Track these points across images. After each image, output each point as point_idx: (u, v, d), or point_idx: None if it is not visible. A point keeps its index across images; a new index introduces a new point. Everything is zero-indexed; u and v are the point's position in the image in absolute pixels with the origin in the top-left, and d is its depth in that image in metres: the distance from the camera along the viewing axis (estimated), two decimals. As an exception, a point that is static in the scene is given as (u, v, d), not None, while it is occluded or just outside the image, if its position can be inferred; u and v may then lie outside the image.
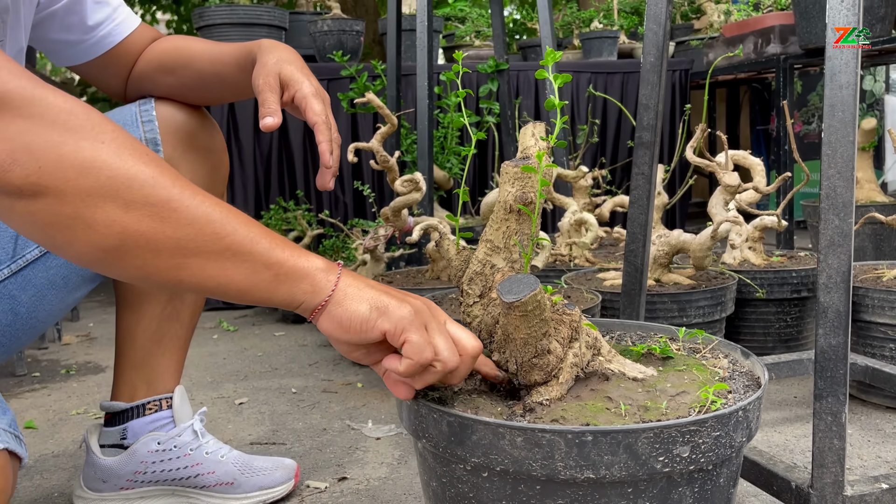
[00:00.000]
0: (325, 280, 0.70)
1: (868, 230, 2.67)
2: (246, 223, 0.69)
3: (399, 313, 0.70)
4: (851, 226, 0.93)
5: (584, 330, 0.84)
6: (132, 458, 1.15)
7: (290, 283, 0.69)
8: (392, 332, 0.70)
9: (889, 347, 1.55)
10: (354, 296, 0.70)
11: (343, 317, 0.70)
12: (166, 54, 1.14)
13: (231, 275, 0.67)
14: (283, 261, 0.69)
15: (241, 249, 0.67)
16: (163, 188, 0.65)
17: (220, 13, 3.10)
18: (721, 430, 0.71)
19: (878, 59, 3.61)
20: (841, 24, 0.92)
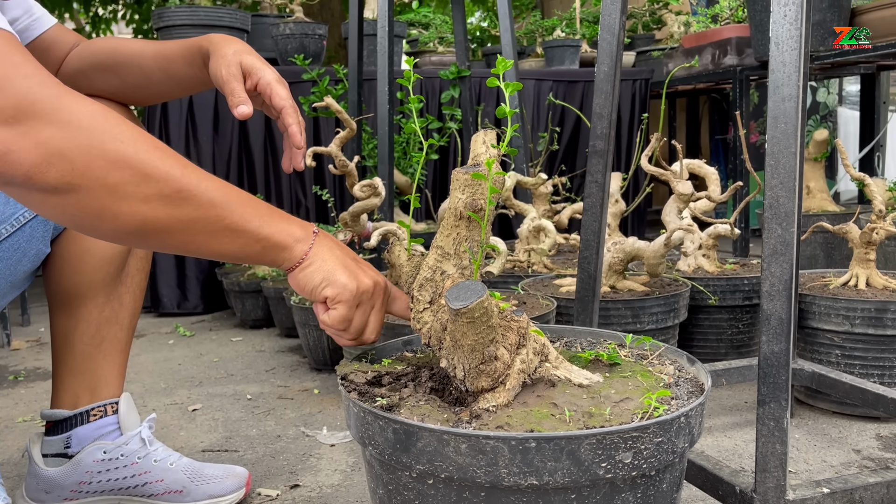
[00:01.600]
0: (299, 250, 0.85)
1: (819, 238, 2.74)
2: (241, 203, 0.81)
3: (341, 285, 0.85)
4: (794, 235, 0.96)
5: (531, 336, 0.84)
6: (77, 468, 1.13)
7: (274, 253, 0.84)
8: (331, 299, 0.86)
9: (835, 353, 1.59)
10: (316, 265, 0.86)
11: (302, 280, 0.86)
12: (105, 53, 1.14)
13: (229, 247, 0.82)
14: (270, 236, 0.83)
15: (238, 228, 0.81)
16: (175, 180, 0.76)
17: (181, 14, 3.05)
18: (663, 436, 0.72)
19: (830, 72, 3.71)
20: (784, 38, 0.95)
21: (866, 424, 1.57)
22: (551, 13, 5.48)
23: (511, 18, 2.43)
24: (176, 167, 0.77)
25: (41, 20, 1.14)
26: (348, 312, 0.86)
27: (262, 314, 2.60)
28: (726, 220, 1.87)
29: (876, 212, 1.63)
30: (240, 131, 3.05)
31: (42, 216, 0.85)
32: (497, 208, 2.85)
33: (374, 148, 2.77)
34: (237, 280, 2.62)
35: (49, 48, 1.16)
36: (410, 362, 0.98)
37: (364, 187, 1.87)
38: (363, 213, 1.91)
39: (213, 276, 2.92)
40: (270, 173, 3.11)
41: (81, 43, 1.18)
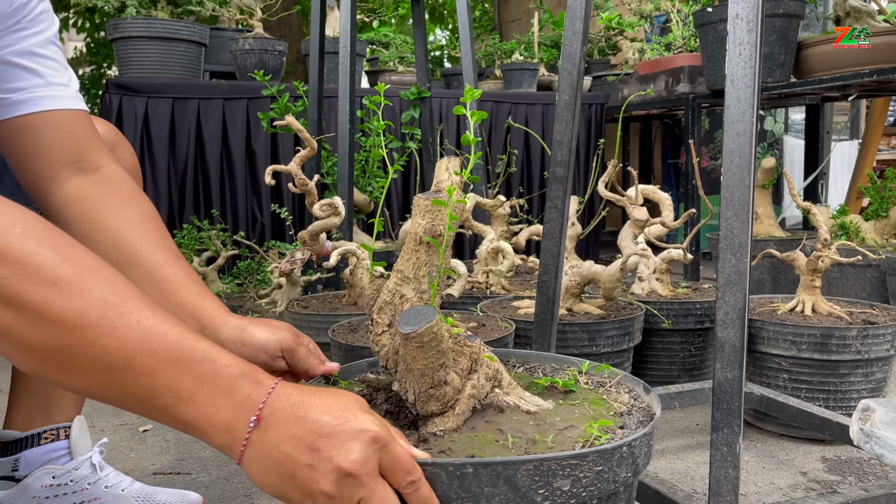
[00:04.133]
0: (229, 450, 0.67)
1: (766, 263, 2.82)
2: (152, 370, 0.64)
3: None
4: (747, 265, 0.99)
5: (484, 362, 0.85)
6: (24, 493, 1.09)
7: (199, 436, 0.67)
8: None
9: (783, 377, 1.64)
10: (254, 475, 0.67)
11: (257, 484, 0.68)
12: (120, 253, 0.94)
13: (141, 412, 0.67)
14: (188, 421, 0.66)
15: (144, 401, 0.65)
16: (64, 333, 0.62)
17: (137, 26, 3.02)
18: (603, 465, 0.72)
19: (777, 102, 3.84)
20: (738, 76, 0.98)
21: (812, 447, 1.61)
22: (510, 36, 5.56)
23: (472, 42, 2.47)
24: (74, 312, 0.62)
25: (46, 100, 0.96)
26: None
27: (216, 332, 2.56)
28: (679, 245, 1.92)
29: (821, 240, 1.69)
30: (196, 146, 3.01)
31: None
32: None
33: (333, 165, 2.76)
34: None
35: (48, 135, 0.96)
36: (370, 384, 0.98)
37: (324, 206, 1.87)
38: (322, 233, 1.91)
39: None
40: (226, 189, 3.07)
41: (106, 185, 0.98)
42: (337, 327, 1.64)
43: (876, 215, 2.65)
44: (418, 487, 0.67)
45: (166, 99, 2.93)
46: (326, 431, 0.65)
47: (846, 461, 1.53)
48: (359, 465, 0.64)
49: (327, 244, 1.94)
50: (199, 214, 2.99)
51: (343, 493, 0.64)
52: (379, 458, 0.66)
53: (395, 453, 0.67)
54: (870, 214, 2.67)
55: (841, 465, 1.51)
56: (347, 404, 0.68)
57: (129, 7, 3.03)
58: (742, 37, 0.98)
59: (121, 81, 2.91)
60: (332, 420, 0.66)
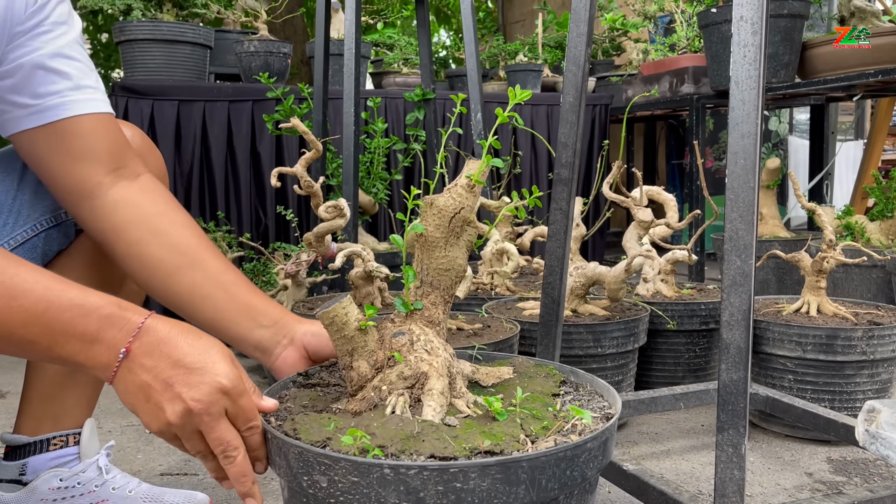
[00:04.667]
0: (103, 374, 0.77)
1: (771, 264, 2.82)
2: (24, 322, 0.73)
3: (144, 423, 0.78)
4: (752, 266, 0.99)
5: (411, 362, 0.85)
6: (31, 496, 1.10)
7: (77, 368, 0.78)
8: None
9: (788, 378, 1.64)
10: (121, 395, 0.78)
11: (122, 401, 0.78)
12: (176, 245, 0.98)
13: (23, 355, 0.78)
14: (67, 358, 0.76)
15: (24, 348, 0.75)
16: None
17: (143, 29, 3.03)
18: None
19: (782, 102, 3.84)
20: (742, 78, 0.99)
21: (818, 448, 1.61)
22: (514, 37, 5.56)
23: (476, 44, 2.47)
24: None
25: (79, 103, 0.96)
26: (174, 444, 0.79)
27: (222, 333, 2.57)
28: (684, 246, 1.92)
29: (826, 241, 1.69)
30: (201, 148, 3.02)
31: None
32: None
33: (338, 167, 2.77)
34: (196, 298, 2.58)
35: (81, 138, 0.95)
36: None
37: (329, 208, 1.87)
38: (328, 234, 1.91)
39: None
40: (231, 191, 3.08)
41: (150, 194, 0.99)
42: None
43: (881, 215, 2.65)
44: (254, 433, 0.79)
45: (172, 101, 2.94)
46: (182, 371, 0.75)
47: (852, 462, 1.53)
48: (201, 404, 0.75)
49: (333, 246, 1.95)
50: (205, 216, 3.00)
51: (183, 425, 0.76)
52: (225, 404, 0.76)
53: (241, 404, 0.77)
54: (875, 215, 2.67)
55: (847, 466, 1.51)
56: (210, 349, 0.78)
57: (134, 10, 3.04)
58: (746, 39, 0.98)
59: (127, 84, 2.92)
60: (191, 362, 0.76)
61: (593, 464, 0.77)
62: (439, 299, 0.90)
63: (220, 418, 0.76)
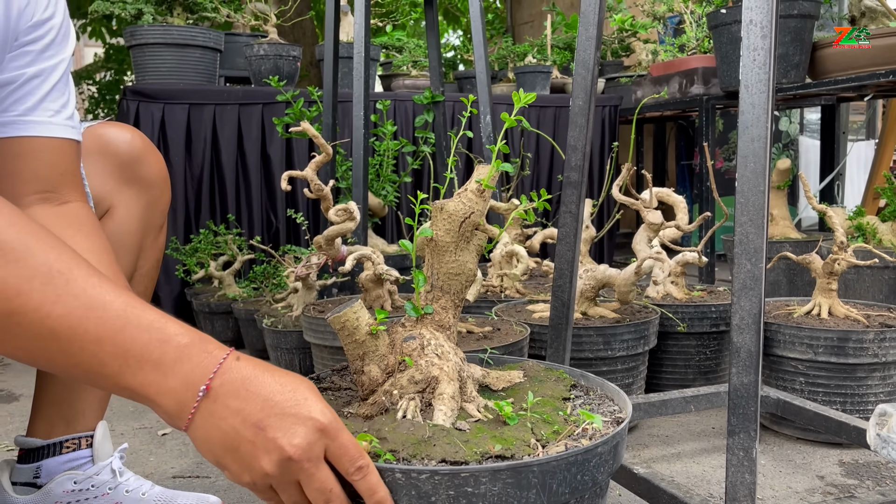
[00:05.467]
0: (177, 418, 0.68)
1: (782, 265, 2.81)
2: (98, 338, 0.64)
3: (233, 475, 0.68)
4: (762, 270, 0.99)
5: (423, 367, 0.86)
6: (46, 498, 1.11)
7: (146, 403, 0.68)
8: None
9: (799, 381, 1.63)
10: (200, 444, 0.68)
11: (199, 450, 0.69)
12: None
13: (87, 381, 0.67)
14: (135, 389, 0.66)
15: (90, 370, 0.65)
16: (7, 300, 0.62)
17: (154, 33, 3.05)
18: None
19: (792, 103, 3.82)
20: (752, 81, 0.99)
21: (829, 451, 1.61)
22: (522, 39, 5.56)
23: (485, 47, 2.47)
24: (18, 277, 0.62)
25: (39, 126, 0.93)
26: (264, 497, 0.69)
27: (233, 335, 2.58)
28: (694, 248, 1.91)
29: (837, 243, 1.68)
30: (212, 151, 3.04)
31: None
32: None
33: (347, 170, 2.78)
34: (207, 301, 2.59)
35: (33, 162, 0.92)
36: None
37: (339, 212, 1.88)
38: (338, 237, 1.92)
39: (183, 295, 2.89)
40: (242, 194, 3.09)
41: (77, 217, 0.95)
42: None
43: (893, 216, 2.63)
44: (365, 474, 0.68)
45: (182, 105, 2.96)
46: (275, 412, 0.66)
47: (864, 465, 1.53)
48: (301, 450, 0.65)
49: (343, 249, 1.95)
50: (216, 219, 3.01)
51: (282, 475, 0.66)
52: (325, 445, 0.67)
53: (342, 441, 0.67)
54: (887, 215, 2.65)
55: (858, 469, 1.51)
56: (299, 387, 0.68)
57: (145, 14, 3.06)
58: (756, 42, 0.98)
59: (138, 88, 2.94)
60: (282, 401, 0.66)
61: (604, 468, 0.78)
62: (450, 303, 0.90)
63: (319, 463, 0.67)
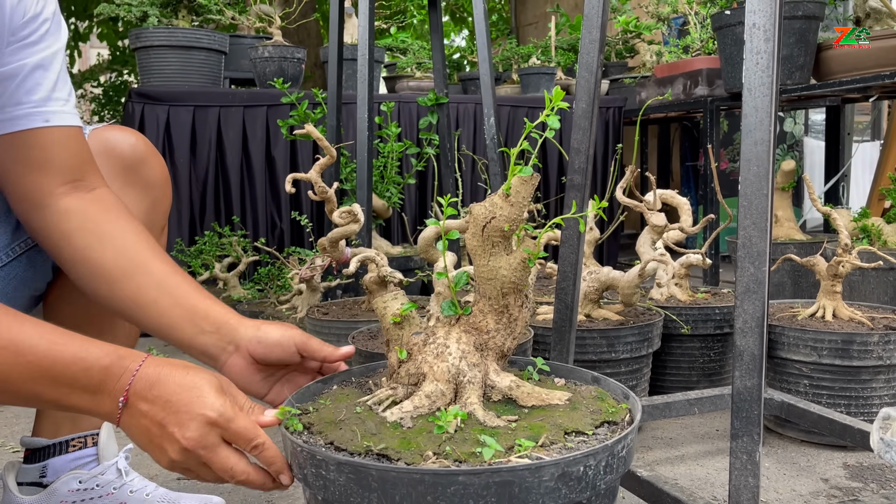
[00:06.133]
0: (109, 421, 0.84)
1: (787, 267, 2.80)
2: (32, 378, 0.77)
3: (156, 460, 0.82)
4: (766, 273, 0.99)
5: (420, 361, 0.89)
6: (51, 498, 1.12)
7: (88, 414, 0.84)
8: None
9: (803, 383, 1.63)
10: (131, 437, 0.83)
11: (131, 440, 0.84)
12: (116, 267, 0.97)
13: (32, 406, 0.84)
14: (73, 407, 0.81)
15: (32, 400, 0.82)
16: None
17: (159, 35, 3.06)
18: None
19: (797, 104, 3.81)
20: (755, 84, 0.99)
21: (833, 453, 1.60)
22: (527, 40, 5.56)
23: (489, 48, 2.47)
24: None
25: (37, 116, 0.95)
26: (190, 476, 0.83)
27: (237, 337, 2.58)
28: (698, 250, 1.91)
29: (842, 245, 1.68)
30: (216, 153, 3.05)
31: None
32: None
33: (351, 172, 2.78)
34: (212, 303, 2.60)
35: (40, 151, 0.96)
36: None
37: (344, 214, 1.88)
38: (342, 239, 1.93)
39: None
40: (246, 196, 3.10)
41: (100, 203, 0.99)
42: (357, 333, 1.66)
43: (898, 218, 2.62)
44: (262, 450, 0.81)
45: (187, 107, 2.97)
46: (172, 410, 0.79)
47: (868, 468, 1.52)
48: (194, 441, 0.79)
49: (347, 251, 1.96)
50: (220, 221, 3.02)
51: (185, 461, 0.80)
52: (219, 433, 0.80)
53: (235, 428, 0.80)
54: (892, 217, 2.64)
55: (863, 472, 1.50)
56: (198, 383, 0.81)
57: (150, 17, 3.07)
58: (759, 46, 0.98)
59: (143, 90, 2.95)
60: (178, 401, 0.80)
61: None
62: (488, 308, 0.90)
63: (216, 448, 0.80)
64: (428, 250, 1.69)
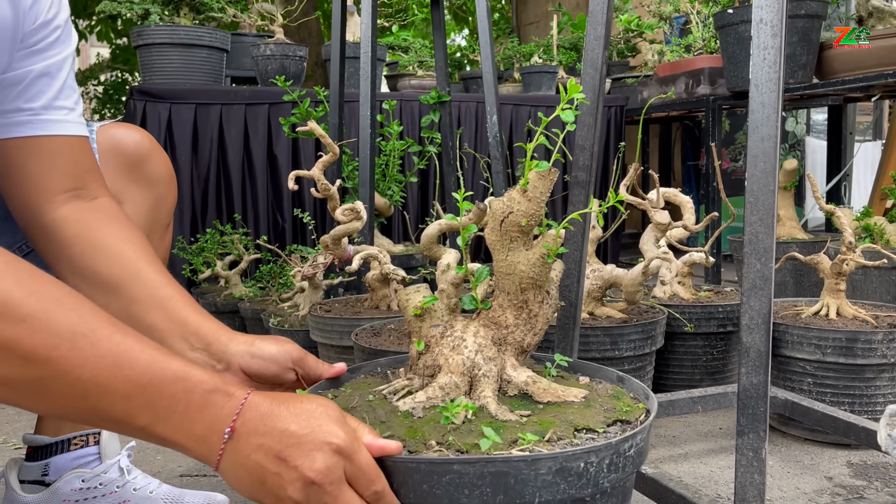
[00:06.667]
0: (207, 460, 0.71)
1: (789, 265, 2.80)
2: (127, 394, 0.67)
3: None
4: (772, 270, 0.99)
5: (437, 353, 0.90)
6: (54, 497, 1.11)
7: (177, 449, 0.71)
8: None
9: (807, 381, 1.63)
10: (230, 482, 0.71)
11: (233, 488, 0.72)
12: (110, 275, 0.94)
13: (118, 431, 0.70)
14: (165, 438, 0.69)
15: (122, 423, 0.68)
16: (36, 367, 0.64)
17: (161, 33, 3.05)
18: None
19: (799, 103, 3.81)
20: (762, 80, 0.98)
21: (837, 451, 1.60)
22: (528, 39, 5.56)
23: (492, 47, 2.47)
24: (45, 346, 0.64)
25: (52, 124, 0.94)
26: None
27: (239, 335, 2.58)
28: (701, 249, 1.91)
29: (846, 243, 1.67)
30: (218, 152, 3.04)
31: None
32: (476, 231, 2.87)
33: (353, 169, 2.78)
34: (213, 300, 2.60)
35: (45, 160, 0.94)
36: None
37: (346, 211, 1.88)
38: (345, 237, 1.92)
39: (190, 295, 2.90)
40: (248, 193, 3.10)
41: (100, 210, 0.97)
42: (360, 331, 1.65)
43: (900, 217, 2.62)
44: (380, 497, 0.71)
45: (189, 105, 2.97)
46: (293, 441, 0.69)
47: (872, 466, 1.52)
48: (322, 474, 0.68)
49: (349, 248, 1.96)
50: (222, 219, 3.02)
51: (308, 499, 0.69)
52: (343, 466, 0.70)
53: (359, 463, 0.70)
54: (894, 216, 2.64)
55: (867, 470, 1.50)
56: (315, 412, 0.71)
57: (152, 14, 3.07)
58: (766, 41, 0.98)
59: (144, 88, 2.95)
60: (299, 430, 0.69)
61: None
62: (507, 303, 0.90)
63: (342, 485, 0.70)
64: (431, 248, 1.69)
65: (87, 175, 0.98)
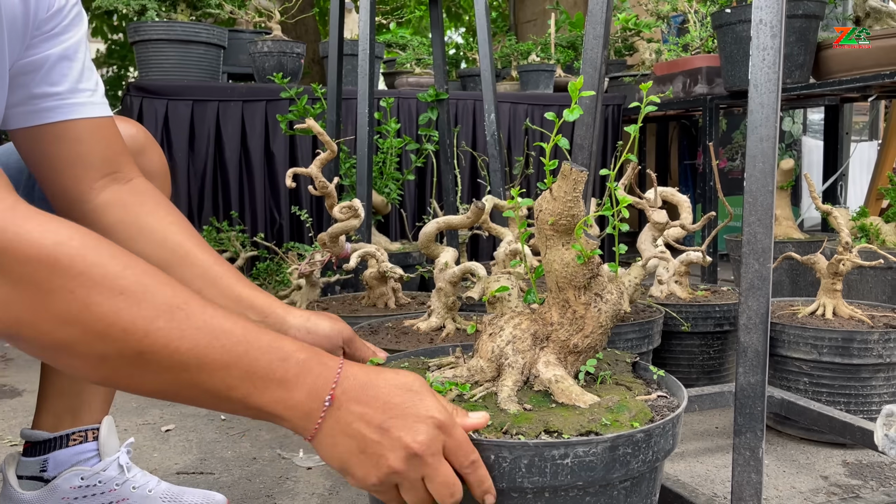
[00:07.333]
0: (303, 427, 0.71)
1: (785, 265, 2.81)
2: (226, 364, 0.67)
3: (359, 478, 0.71)
4: (770, 270, 0.99)
5: (483, 340, 0.94)
6: (53, 494, 1.11)
7: (277, 422, 0.71)
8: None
9: (803, 381, 1.63)
10: (326, 451, 0.72)
11: (324, 458, 0.73)
12: (170, 253, 0.97)
13: (216, 406, 0.69)
14: (262, 407, 0.69)
15: (219, 395, 0.67)
16: (136, 341, 0.63)
17: (158, 29, 3.05)
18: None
19: (796, 103, 3.82)
20: (761, 81, 0.98)
21: (833, 451, 1.61)
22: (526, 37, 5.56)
23: (490, 45, 2.47)
24: (144, 318, 0.64)
25: (81, 107, 0.95)
26: (387, 499, 0.73)
27: (235, 332, 2.58)
28: (698, 248, 1.91)
29: (843, 244, 1.68)
30: (215, 147, 3.04)
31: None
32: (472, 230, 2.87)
33: (351, 167, 2.78)
34: (210, 298, 2.59)
35: (79, 144, 0.95)
36: None
37: (344, 209, 1.88)
38: (342, 235, 1.92)
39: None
40: (245, 190, 3.09)
41: (143, 192, 0.99)
42: (357, 329, 1.65)
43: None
44: (477, 468, 0.73)
45: (186, 101, 2.96)
46: (396, 413, 0.70)
47: (867, 465, 1.53)
48: (425, 446, 0.69)
49: (347, 246, 1.95)
50: (219, 215, 3.01)
51: (409, 470, 0.70)
52: (443, 440, 0.71)
53: (457, 438, 0.72)
54: (890, 216, 2.65)
55: (862, 470, 1.51)
56: (413, 385, 0.73)
57: (149, 10, 3.06)
58: (766, 42, 0.98)
59: (141, 84, 2.94)
60: (401, 402, 0.71)
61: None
62: (552, 301, 0.91)
63: (441, 458, 0.71)
64: (429, 246, 1.69)
65: (119, 157, 0.99)
